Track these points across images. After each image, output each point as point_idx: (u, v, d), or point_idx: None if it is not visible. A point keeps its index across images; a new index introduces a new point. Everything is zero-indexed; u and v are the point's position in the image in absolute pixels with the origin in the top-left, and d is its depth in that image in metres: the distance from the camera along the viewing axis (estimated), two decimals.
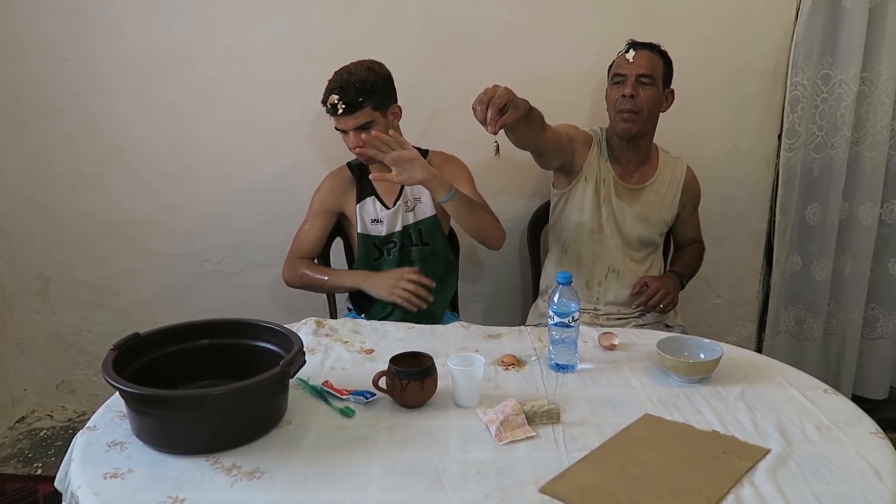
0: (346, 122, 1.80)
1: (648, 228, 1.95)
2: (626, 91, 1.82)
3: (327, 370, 1.47)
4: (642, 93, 1.82)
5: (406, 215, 1.95)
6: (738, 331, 2.50)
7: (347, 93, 1.77)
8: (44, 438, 2.41)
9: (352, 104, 1.77)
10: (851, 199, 2.31)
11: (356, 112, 1.78)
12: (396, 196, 1.95)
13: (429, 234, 1.96)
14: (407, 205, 1.94)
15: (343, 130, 1.83)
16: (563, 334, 1.44)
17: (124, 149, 2.31)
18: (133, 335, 1.29)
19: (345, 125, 1.81)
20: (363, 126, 1.80)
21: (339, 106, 1.77)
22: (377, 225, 1.95)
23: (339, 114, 1.78)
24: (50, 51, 2.22)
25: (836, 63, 2.18)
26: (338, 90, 1.78)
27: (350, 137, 1.82)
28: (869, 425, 1.24)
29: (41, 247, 2.41)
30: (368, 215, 1.95)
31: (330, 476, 1.09)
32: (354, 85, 1.77)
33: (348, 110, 1.77)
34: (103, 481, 1.08)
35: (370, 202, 1.95)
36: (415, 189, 1.93)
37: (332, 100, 1.78)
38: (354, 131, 1.80)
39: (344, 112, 1.77)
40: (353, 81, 1.77)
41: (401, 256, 1.96)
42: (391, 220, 1.94)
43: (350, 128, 1.80)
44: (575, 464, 1.13)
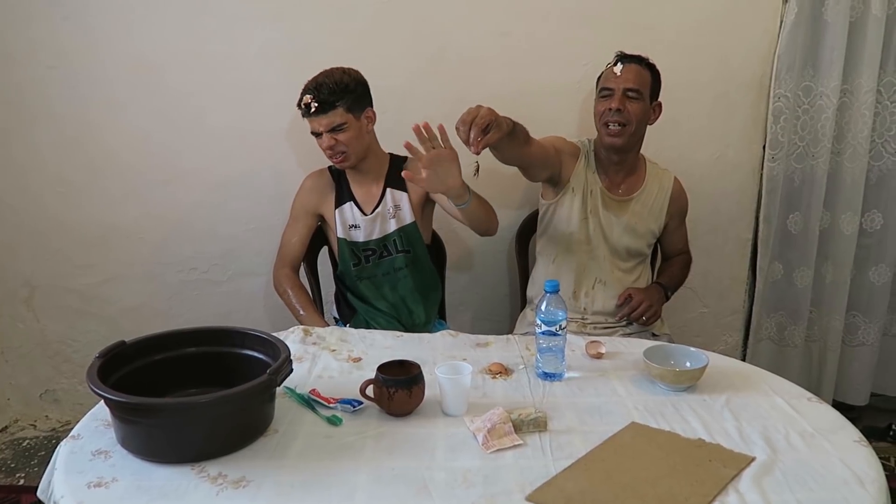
0: (319, 121, 1.81)
1: (636, 239, 1.97)
2: (612, 105, 1.83)
3: (314, 378, 1.47)
4: (629, 106, 1.84)
5: (388, 223, 1.95)
6: (724, 339, 2.52)
7: (321, 92, 1.79)
8: (27, 448, 2.38)
9: (325, 103, 1.78)
10: (832, 209, 2.34)
11: (329, 112, 1.79)
12: (376, 204, 1.95)
13: (409, 240, 1.96)
14: (388, 212, 1.95)
15: (317, 133, 1.84)
16: (551, 343, 1.45)
17: (112, 156, 2.30)
18: (119, 343, 1.28)
19: (318, 125, 1.82)
20: (336, 128, 1.81)
21: (312, 105, 1.79)
22: (355, 231, 1.96)
23: (312, 113, 1.79)
24: (38, 58, 2.21)
25: (817, 75, 2.22)
26: (311, 90, 1.80)
27: (324, 139, 1.83)
28: (852, 433, 1.26)
29: (27, 254, 2.39)
30: (347, 220, 1.96)
31: (316, 484, 1.09)
32: (328, 85, 1.79)
33: (321, 110, 1.78)
34: (87, 490, 1.07)
35: (348, 208, 1.96)
36: (395, 196, 1.94)
37: (306, 99, 1.80)
38: (328, 133, 1.82)
39: (317, 111, 1.79)
40: (327, 82, 1.79)
41: (382, 264, 1.97)
42: (369, 227, 1.95)
43: (323, 128, 1.81)
44: (562, 472, 1.13)
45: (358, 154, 1.89)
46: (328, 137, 1.83)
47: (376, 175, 1.96)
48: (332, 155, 1.86)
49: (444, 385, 1.30)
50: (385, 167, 1.97)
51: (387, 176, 1.97)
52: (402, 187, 1.95)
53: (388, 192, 1.95)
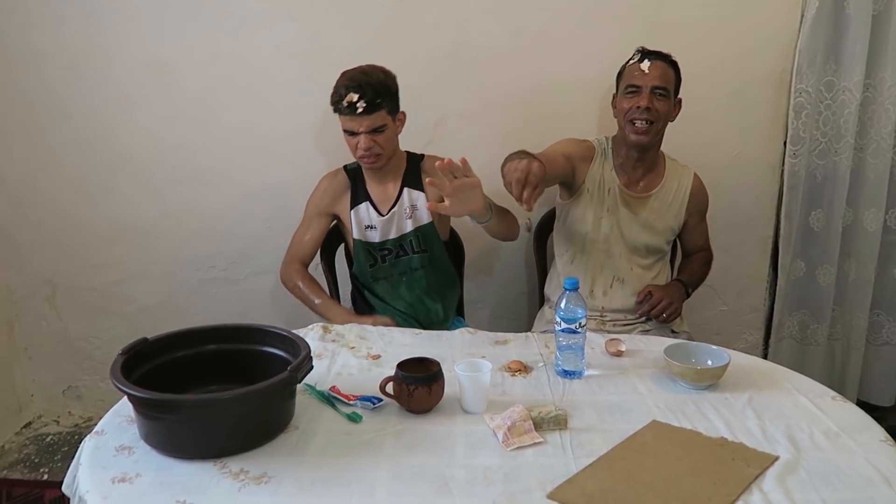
0: (360, 122, 1.76)
1: (655, 236, 1.95)
2: (641, 103, 1.81)
3: (334, 376, 1.47)
4: (657, 104, 1.82)
5: (404, 223, 1.94)
6: (744, 338, 2.49)
7: (366, 93, 1.73)
8: (50, 444, 2.41)
9: (371, 104, 1.74)
10: (856, 206, 2.31)
11: (373, 113, 1.75)
12: (392, 203, 1.93)
13: (426, 240, 1.95)
14: (405, 212, 1.93)
15: (353, 132, 1.79)
16: (570, 340, 1.44)
17: (132, 155, 2.32)
18: (141, 340, 1.29)
19: (358, 126, 1.77)
20: (376, 130, 1.78)
21: (360, 105, 1.73)
22: (371, 231, 1.94)
23: (359, 113, 1.74)
24: (59, 58, 2.24)
25: (839, 70, 2.18)
26: (356, 89, 1.73)
27: (361, 140, 1.78)
28: (878, 433, 1.24)
29: (49, 253, 2.42)
30: (362, 221, 1.94)
31: (337, 481, 1.09)
32: (373, 86, 1.74)
33: (367, 110, 1.74)
34: (111, 485, 1.08)
35: (364, 208, 1.94)
36: (412, 196, 1.93)
37: (352, 98, 1.73)
38: (366, 134, 1.77)
39: (363, 112, 1.74)
40: (371, 83, 1.74)
41: (399, 264, 1.95)
42: (385, 227, 1.93)
43: (364, 129, 1.77)
44: (582, 470, 1.13)
45: (389, 156, 1.86)
46: (367, 139, 1.78)
47: (394, 175, 1.94)
48: (365, 156, 1.81)
49: (463, 382, 1.30)
50: (403, 166, 1.95)
51: (404, 175, 1.95)
52: (419, 187, 1.94)
53: (405, 191, 1.94)
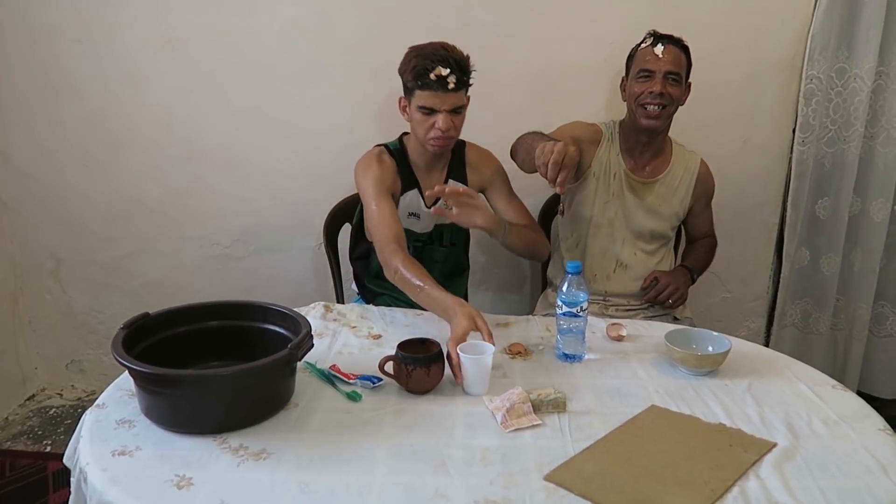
0: (445, 99, 1.66)
1: (660, 221, 1.94)
2: (654, 88, 1.79)
3: (335, 354, 1.48)
4: (670, 90, 1.80)
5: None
6: (746, 325, 2.49)
7: (455, 68, 1.64)
8: (53, 416, 2.44)
9: (460, 82, 1.66)
10: (864, 195, 2.29)
11: (460, 90, 1.68)
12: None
13: (457, 236, 1.92)
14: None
15: (433, 109, 1.67)
16: (572, 324, 1.44)
17: (137, 131, 2.31)
18: (143, 315, 1.29)
19: (442, 103, 1.66)
20: (457, 109, 1.69)
21: (450, 80, 1.63)
22: (413, 219, 1.86)
23: (449, 89, 1.64)
24: (64, 32, 2.23)
25: (851, 56, 2.15)
26: (445, 63, 1.63)
27: (441, 119, 1.67)
28: (877, 421, 1.24)
29: (54, 227, 2.43)
30: (407, 207, 1.85)
31: (336, 458, 1.10)
32: (459, 62, 1.66)
33: (456, 87, 1.65)
34: (111, 458, 1.09)
35: (413, 195, 1.84)
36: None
37: (441, 72, 1.63)
38: (447, 113, 1.67)
39: (452, 89, 1.65)
40: (456, 59, 1.66)
41: (423, 254, 1.88)
42: (427, 217, 1.86)
43: (448, 107, 1.67)
44: (580, 452, 1.13)
45: (456, 139, 1.79)
46: (447, 118, 1.67)
47: (442, 163, 1.86)
48: (441, 137, 1.70)
49: (465, 364, 1.30)
50: (449, 154, 1.86)
51: (449, 164, 1.87)
52: (463, 178, 1.87)
53: (449, 182, 1.86)
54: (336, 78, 2.23)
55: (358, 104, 2.25)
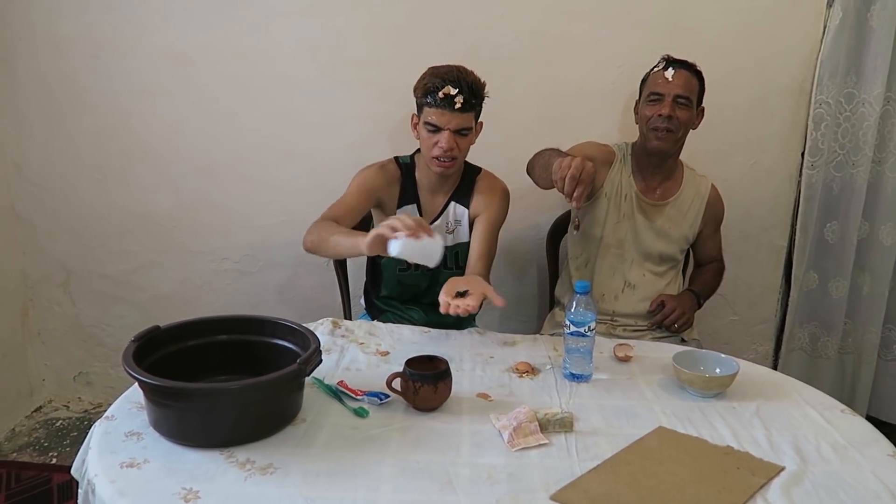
0: (451, 118, 1.68)
1: (669, 244, 1.95)
2: (663, 111, 1.80)
3: (342, 370, 1.48)
4: (679, 113, 1.81)
5: (444, 237, 1.84)
6: (754, 348, 2.48)
7: (464, 89, 1.67)
8: (60, 428, 2.44)
9: (466, 103, 1.68)
10: (872, 219, 2.29)
11: (466, 112, 1.69)
12: (437, 215, 1.86)
13: (463, 259, 1.89)
14: (447, 226, 1.87)
15: (438, 127, 1.70)
16: (579, 344, 1.44)
17: (149, 145, 2.34)
18: (153, 328, 1.30)
19: (448, 122, 1.68)
20: (463, 131, 1.71)
21: (458, 100, 1.66)
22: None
23: (455, 109, 1.67)
24: (81, 47, 2.26)
25: (860, 82, 2.17)
26: (455, 83, 1.66)
27: (444, 138, 1.69)
28: (886, 447, 1.23)
29: (64, 239, 2.45)
30: None
31: (342, 474, 1.10)
32: (470, 84, 1.68)
33: (464, 108, 1.68)
34: (119, 470, 1.09)
35: (411, 210, 1.85)
36: (456, 211, 1.87)
37: (449, 91, 1.65)
38: (451, 133, 1.69)
39: (458, 109, 1.67)
40: (468, 81, 1.68)
41: (431, 276, 1.87)
42: None
43: (453, 127, 1.69)
44: (587, 473, 1.13)
45: (460, 163, 1.80)
46: (450, 138, 1.69)
47: (448, 185, 1.86)
48: (443, 157, 1.72)
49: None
50: (457, 178, 1.87)
51: (456, 188, 1.87)
52: (467, 203, 1.86)
53: (451, 205, 1.86)
54: (346, 96, 2.26)
55: (368, 122, 2.27)
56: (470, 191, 1.87)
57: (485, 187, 1.87)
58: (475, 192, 1.87)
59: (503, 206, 1.87)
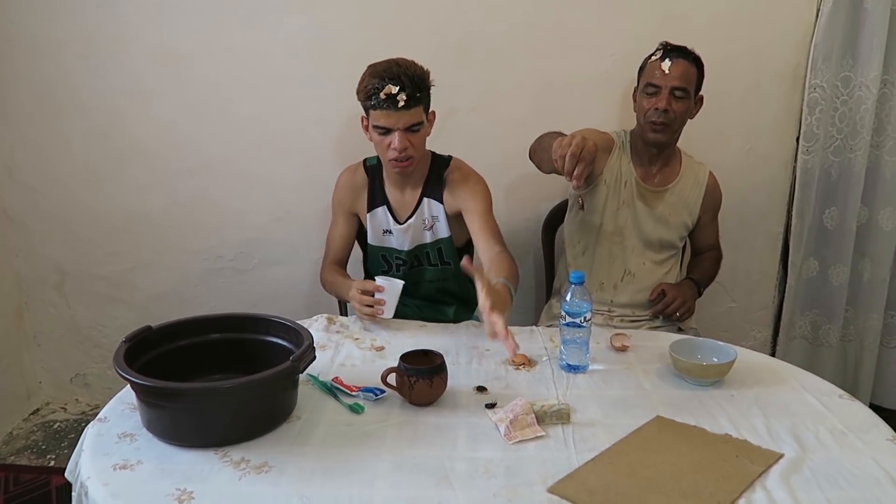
0: (398, 118, 1.62)
1: (669, 231, 1.94)
2: (659, 104, 1.78)
3: (337, 366, 1.47)
4: (675, 106, 1.79)
5: (423, 234, 1.84)
6: (752, 335, 2.47)
7: (406, 85, 1.59)
8: (57, 431, 2.43)
9: (411, 98, 1.60)
10: (871, 204, 2.28)
11: (413, 108, 1.62)
12: (410, 213, 1.82)
13: (450, 254, 1.87)
14: (424, 223, 1.83)
15: (386, 129, 1.64)
16: (575, 335, 1.43)
17: (141, 145, 2.32)
18: (145, 328, 1.29)
19: (395, 122, 1.62)
20: (413, 127, 1.65)
21: (400, 98, 1.59)
22: (387, 236, 1.85)
23: (400, 107, 1.60)
24: (70, 47, 2.24)
25: (856, 65, 2.15)
26: (395, 80, 1.59)
27: (396, 138, 1.64)
28: (885, 432, 1.23)
29: (58, 241, 2.44)
30: (380, 225, 1.84)
31: (338, 471, 1.09)
32: (412, 78, 1.61)
33: (407, 104, 1.60)
34: (113, 472, 1.08)
35: (381, 212, 1.83)
36: (431, 207, 1.82)
37: (389, 89, 1.58)
38: (402, 132, 1.63)
39: (404, 106, 1.60)
40: (409, 75, 1.61)
41: (413, 274, 1.87)
42: (402, 236, 1.83)
43: (401, 126, 1.63)
44: (584, 464, 1.12)
45: (419, 160, 1.73)
46: (402, 137, 1.63)
47: (415, 181, 1.81)
48: (399, 158, 1.66)
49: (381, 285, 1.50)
50: (425, 172, 1.81)
51: (425, 182, 1.81)
52: (440, 198, 1.81)
53: (424, 201, 1.81)
54: (339, 91, 2.22)
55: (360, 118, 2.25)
56: (440, 184, 1.80)
57: (456, 180, 1.79)
58: (446, 186, 1.80)
59: (483, 190, 1.79)
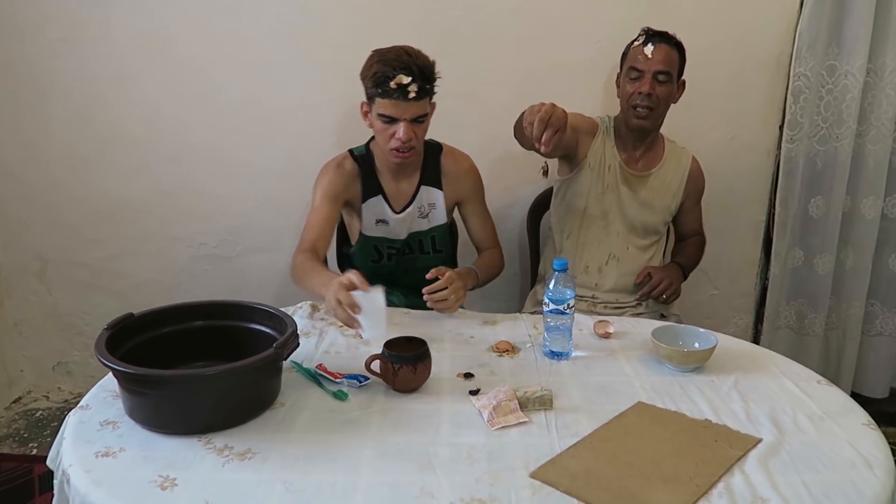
0: (406, 108, 1.59)
1: (653, 215, 1.95)
2: (642, 88, 1.79)
3: (321, 354, 1.47)
4: (659, 90, 1.80)
5: (419, 221, 1.83)
6: (734, 322, 2.50)
7: (417, 75, 1.56)
8: (40, 419, 2.42)
9: (422, 90, 1.58)
10: (854, 193, 2.28)
11: (422, 99, 1.60)
12: (409, 200, 1.81)
13: (443, 241, 1.87)
14: (420, 210, 1.82)
15: (394, 118, 1.61)
16: (558, 321, 1.44)
17: (122, 131, 2.30)
18: (127, 315, 1.29)
19: (403, 112, 1.59)
20: (419, 118, 1.62)
21: (412, 89, 1.55)
22: (382, 226, 1.82)
23: (410, 98, 1.57)
24: (49, 31, 2.21)
25: (841, 53, 2.15)
26: (407, 70, 1.55)
27: (401, 129, 1.61)
28: (861, 416, 1.24)
29: (39, 228, 2.41)
30: (374, 215, 1.81)
31: (321, 457, 1.09)
32: (422, 69, 1.57)
33: (417, 96, 1.57)
34: (95, 459, 1.08)
35: (376, 202, 1.79)
36: (430, 194, 1.82)
37: (402, 80, 1.54)
38: (408, 122, 1.61)
39: (413, 97, 1.57)
40: (419, 65, 1.57)
41: (404, 262, 1.86)
42: (398, 225, 1.82)
43: (408, 117, 1.60)
44: (566, 450, 1.13)
45: (420, 149, 1.73)
46: (407, 128, 1.60)
47: (412, 169, 1.79)
48: (401, 148, 1.64)
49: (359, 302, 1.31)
50: (420, 159, 1.80)
51: (422, 170, 1.80)
52: (438, 184, 1.82)
53: (422, 189, 1.80)
54: (324, 77, 2.23)
55: (345, 104, 2.22)
56: (437, 173, 1.82)
57: (453, 168, 1.83)
58: (443, 173, 1.83)
59: (478, 180, 1.88)
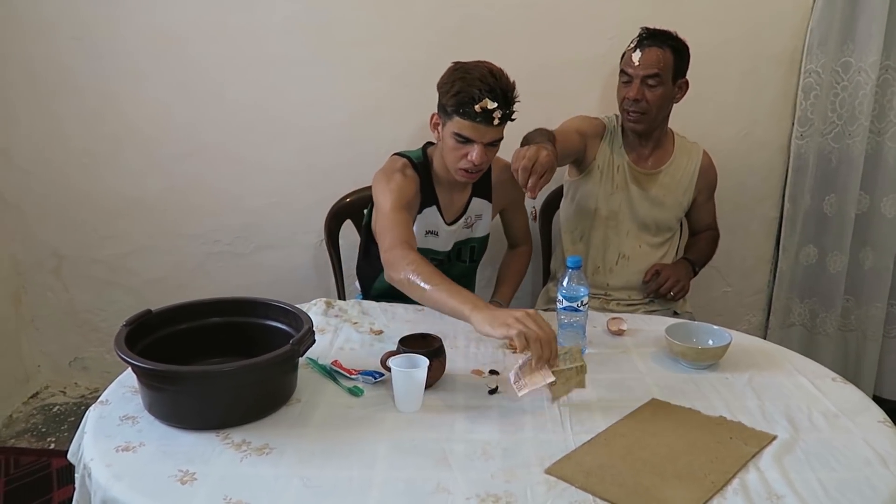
0: (485, 132, 1.54)
1: (665, 212, 1.95)
2: (630, 94, 1.80)
3: (336, 350, 1.48)
4: (648, 94, 1.80)
5: (463, 231, 1.81)
6: (747, 319, 2.49)
7: (503, 102, 1.52)
8: (57, 414, 2.45)
9: (504, 116, 1.54)
10: (872, 191, 2.25)
11: (503, 125, 1.56)
12: (460, 213, 1.79)
13: (480, 252, 1.88)
14: (467, 221, 1.81)
15: (470, 140, 1.55)
16: (572, 318, 1.45)
17: (137, 128, 2.31)
18: (145, 312, 1.30)
19: (482, 136, 1.54)
20: (495, 142, 1.59)
21: (496, 116, 1.51)
22: (431, 237, 1.78)
23: (493, 124, 1.52)
24: (64, 30, 2.22)
25: (856, 50, 2.13)
26: (493, 95, 1.50)
27: (476, 151, 1.56)
28: (877, 414, 1.24)
29: (55, 225, 2.43)
30: (426, 226, 1.76)
31: (337, 453, 1.11)
32: (506, 94, 1.53)
33: (500, 122, 1.54)
34: (115, 454, 1.10)
35: (431, 213, 1.75)
36: (479, 205, 1.81)
37: (487, 104, 1.49)
38: (483, 146, 1.56)
39: (497, 124, 1.53)
40: (505, 90, 1.53)
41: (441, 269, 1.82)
42: (447, 236, 1.79)
43: (486, 141, 1.56)
44: (581, 446, 1.13)
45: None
46: (482, 151, 1.56)
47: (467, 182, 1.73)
48: (472, 170, 1.60)
49: (396, 378, 1.22)
50: None
51: (474, 184, 1.76)
52: (488, 196, 1.81)
53: (473, 200, 1.78)
54: (336, 74, 2.23)
55: (358, 100, 2.25)
56: (488, 184, 1.80)
57: (502, 179, 1.80)
58: (493, 184, 1.81)
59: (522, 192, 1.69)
